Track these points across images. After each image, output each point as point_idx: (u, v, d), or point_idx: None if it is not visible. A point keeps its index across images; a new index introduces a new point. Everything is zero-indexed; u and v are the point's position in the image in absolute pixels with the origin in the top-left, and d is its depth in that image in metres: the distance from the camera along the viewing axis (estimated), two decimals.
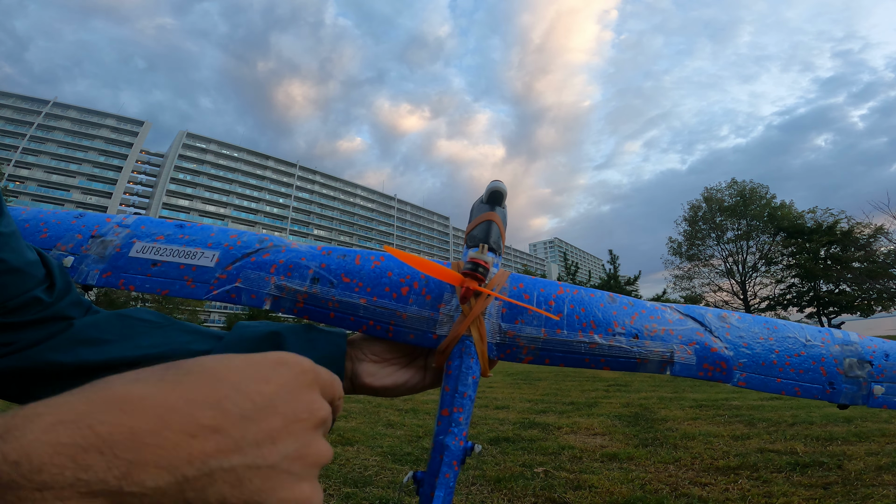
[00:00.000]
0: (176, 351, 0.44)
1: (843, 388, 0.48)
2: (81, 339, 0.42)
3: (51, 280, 0.42)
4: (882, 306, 25.08)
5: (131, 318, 0.46)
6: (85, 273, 0.50)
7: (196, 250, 0.51)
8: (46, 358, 0.40)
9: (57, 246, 0.51)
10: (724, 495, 1.96)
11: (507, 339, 0.48)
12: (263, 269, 0.50)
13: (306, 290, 0.50)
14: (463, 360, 0.47)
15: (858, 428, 3.03)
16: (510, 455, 2.77)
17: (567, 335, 0.48)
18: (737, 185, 32.19)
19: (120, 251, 0.51)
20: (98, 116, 62.77)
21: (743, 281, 31.24)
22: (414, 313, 0.49)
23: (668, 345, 0.48)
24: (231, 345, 0.47)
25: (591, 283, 26.53)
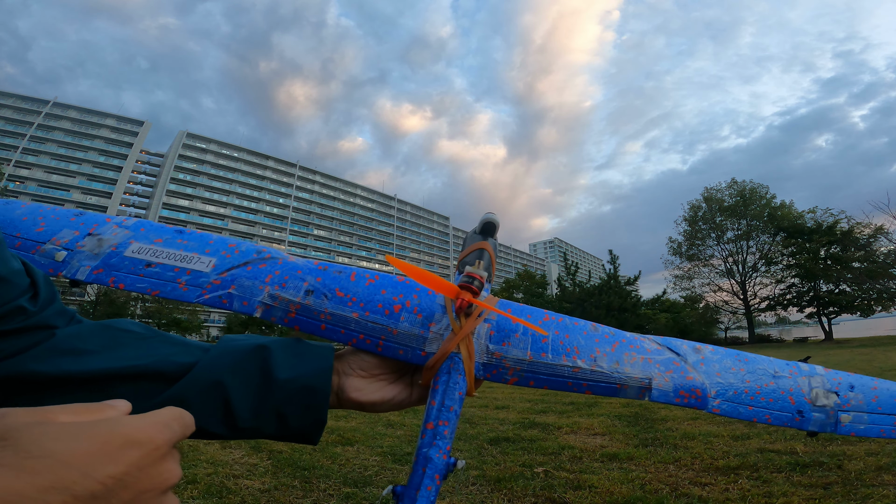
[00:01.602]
0: (159, 362, 0.44)
1: (812, 416, 0.51)
2: (63, 349, 0.41)
3: (35, 289, 0.42)
4: (882, 306, 25.08)
5: (115, 328, 0.46)
6: (76, 268, 0.50)
7: (193, 255, 0.52)
8: (28, 367, 0.39)
9: (52, 240, 0.51)
10: (724, 495, 1.96)
11: (494, 360, 0.49)
12: (258, 279, 0.51)
13: (299, 302, 0.50)
14: (451, 375, 0.48)
15: None
16: (510, 455, 2.77)
17: (551, 359, 0.50)
18: (737, 186, 32.20)
19: (115, 250, 0.51)
20: (98, 116, 62.76)
21: (743, 281, 31.23)
22: (405, 330, 0.50)
23: (647, 372, 0.50)
24: (217, 358, 0.46)
25: (591, 284, 26.53)
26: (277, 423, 0.47)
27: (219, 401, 0.44)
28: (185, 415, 0.27)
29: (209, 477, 2.47)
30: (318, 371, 0.48)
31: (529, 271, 44.88)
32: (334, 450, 2.91)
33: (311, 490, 2.17)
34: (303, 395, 0.47)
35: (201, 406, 0.43)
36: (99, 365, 0.41)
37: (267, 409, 0.46)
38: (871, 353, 10.75)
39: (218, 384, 0.44)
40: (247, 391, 0.45)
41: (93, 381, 0.41)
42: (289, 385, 0.46)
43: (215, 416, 0.45)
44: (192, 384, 0.44)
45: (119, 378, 0.42)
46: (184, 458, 2.82)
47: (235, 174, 71.96)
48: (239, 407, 0.45)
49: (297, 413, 0.47)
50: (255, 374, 0.46)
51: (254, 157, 75.66)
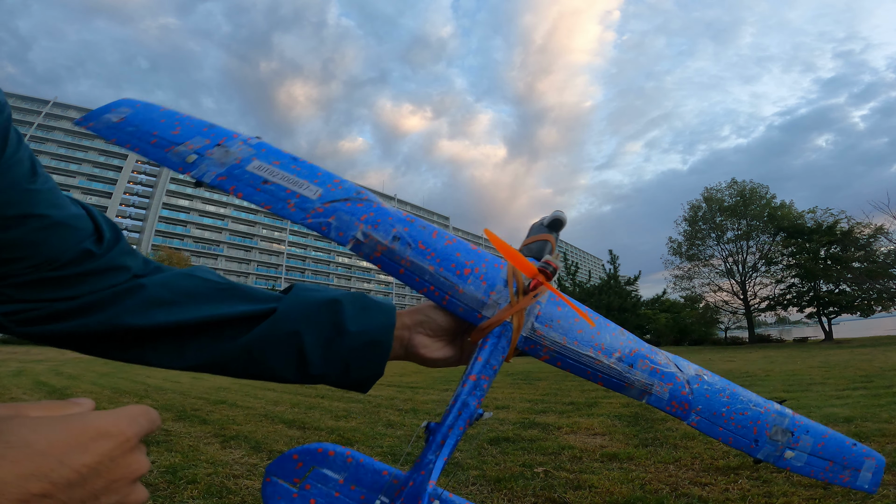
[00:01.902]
0: (242, 311, 0.48)
1: (764, 447, 0.59)
2: (154, 300, 0.45)
3: (99, 232, 0.44)
4: (882, 306, 25.06)
5: (198, 277, 0.49)
6: (203, 171, 0.54)
7: (304, 181, 0.56)
8: (125, 321, 0.43)
9: (185, 143, 0.56)
10: (724, 495, 1.96)
11: (535, 337, 0.55)
12: (355, 216, 0.56)
13: (386, 245, 0.55)
14: (500, 339, 0.53)
15: (858, 428, 3.03)
16: (510, 455, 2.77)
17: (580, 348, 0.56)
18: (737, 185, 32.17)
19: (239, 163, 0.56)
20: None
21: (743, 281, 31.22)
22: (469, 291, 0.55)
23: (651, 379, 0.57)
24: (294, 308, 0.49)
25: (591, 284, 26.53)
26: (342, 373, 0.51)
27: (293, 349, 0.48)
28: (151, 411, 0.29)
29: (209, 477, 2.47)
30: (383, 327, 0.52)
31: None
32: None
33: None
34: (368, 349, 0.51)
35: (277, 353, 0.48)
36: (188, 315, 0.46)
37: (336, 359, 0.50)
38: (871, 353, 10.74)
39: (295, 333, 0.48)
40: (319, 341, 0.49)
41: (183, 330, 0.46)
42: (357, 338, 0.50)
43: (289, 363, 0.49)
44: (272, 332, 0.48)
45: (205, 326, 0.47)
46: (184, 458, 2.83)
47: None
48: (311, 355, 0.49)
49: (360, 364, 0.51)
50: (328, 325, 0.50)
51: None
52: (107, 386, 7.61)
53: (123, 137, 0.55)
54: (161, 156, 0.55)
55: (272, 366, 0.49)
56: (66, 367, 12.47)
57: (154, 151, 0.55)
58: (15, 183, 0.37)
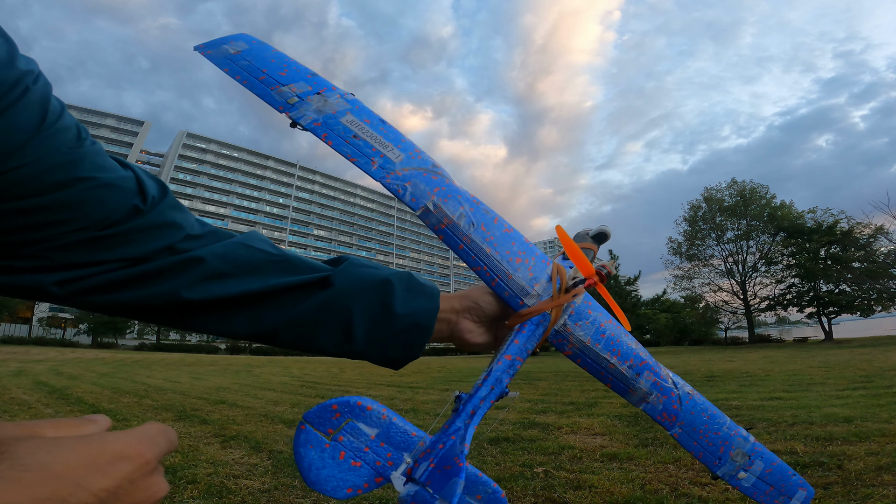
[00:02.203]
0: (294, 282, 0.49)
1: (725, 465, 0.64)
2: (213, 273, 0.46)
3: (142, 190, 0.44)
4: (882, 306, 25.06)
5: (252, 247, 0.50)
6: (301, 115, 0.57)
7: (389, 144, 0.59)
8: (183, 297, 0.44)
9: (289, 86, 0.58)
10: (724, 495, 1.96)
11: (564, 332, 0.59)
12: (429, 186, 0.59)
13: (453, 219, 0.58)
14: (538, 328, 0.57)
15: (858, 428, 3.02)
16: (510, 455, 2.77)
17: (600, 350, 0.60)
18: (737, 185, 32.16)
19: (334, 114, 0.59)
20: (98, 116, 62.80)
21: (743, 281, 31.22)
22: (517, 279, 0.59)
23: (652, 390, 0.62)
24: (350, 285, 0.50)
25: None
26: (380, 352, 0.52)
27: (343, 325, 0.50)
28: (169, 430, 0.28)
29: (209, 477, 2.47)
30: (428, 311, 0.54)
31: None
32: None
33: (312, 490, 2.17)
34: (411, 331, 0.52)
35: (327, 327, 0.50)
36: (244, 287, 0.47)
37: (379, 338, 0.51)
38: (871, 353, 10.74)
39: (347, 310, 0.50)
40: (366, 320, 0.50)
41: (238, 301, 0.47)
42: (402, 321, 0.51)
43: (336, 338, 0.50)
44: (327, 306, 0.49)
45: (260, 297, 0.48)
46: (184, 458, 2.82)
47: (235, 174, 71.96)
48: (357, 333, 0.50)
49: (400, 345, 0.53)
50: (378, 306, 0.51)
51: (254, 156, 75.68)
52: (107, 386, 7.61)
53: (235, 69, 0.58)
54: (266, 93, 0.58)
55: (319, 338, 0.50)
56: (65, 367, 12.47)
57: (260, 87, 0.57)
58: (59, 149, 0.37)
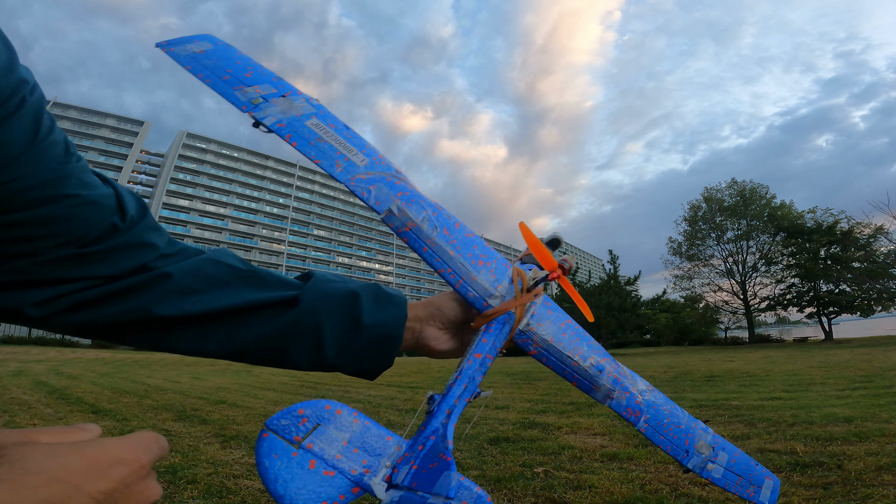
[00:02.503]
0: (264, 299, 0.49)
1: (693, 457, 0.66)
2: (181, 289, 0.45)
3: (122, 208, 0.44)
4: (882, 306, 25.05)
5: (222, 263, 0.50)
6: (265, 115, 0.57)
7: (353, 148, 0.61)
8: (153, 311, 0.44)
9: (254, 87, 0.59)
10: (724, 495, 1.96)
11: (528, 332, 0.60)
12: (393, 190, 0.60)
13: (416, 222, 0.59)
14: (504, 326, 0.58)
15: (858, 428, 3.02)
16: (510, 455, 2.77)
17: (563, 348, 0.62)
18: (737, 185, 32.16)
19: (299, 116, 0.59)
20: (98, 116, 62.75)
21: (743, 281, 31.21)
22: (481, 280, 0.60)
23: (614, 387, 0.64)
24: (318, 301, 0.51)
25: (591, 284, 26.52)
26: (353, 363, 0.53)
27: (313, 340, 0.50)
28: (161, 438, 0.29)
29: (209, 477, 2.47)
30: (396, 320, 0.54)
31: None
32: None
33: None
34: (381, 342, 0.53)
35: (298, 343, 0.50)
36: (214, 304, 0.47)
37: (350, 350, 0.52)
38: (870, 353, 10.74)
39: (317, 326, 0.50)
40: (337, 333, 0.51)
41: (206, 318, 0.47)
42: (372, 331, 0.52)
43: (307, 353, 0.51)
44: (296, 323, 0.49)
45: (229, 314, 0.48)
46: (184, 458, 2.82)
47: (235, 174, 71.91)
48: (329, 347, 0.51)
49: (372, 356, 0.53)
50: (347, 318, 0.52)
51: (254, 156, 75.64)
52: (107, 386, 7.61)
53: (198, 68, 0.58)
54: (229, 92, 0.58)
55: (291, 355, 0.50)
56: (66, 367, 12.47)
57: (223, 86, 0.57)
58: (48, 164, 0.37)
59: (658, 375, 8.07)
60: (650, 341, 40.18)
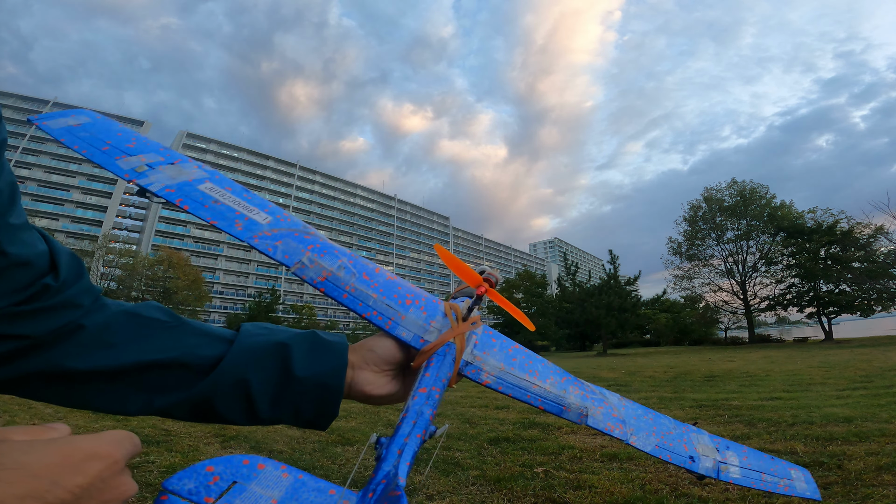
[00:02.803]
0: (186, 355, 0.46)
1: (701, 462, 0.62)
2: (93, 343, 0.43)
3: (56, 268, 0.43)
4: (882, 306, 25.05)
5: (143, 316, 0.47)
6: (151, 182, 0.55)
7: (254, 208, 0.59)
8: (62, 364, 0.41)
9: (138, 156, 0.58)
10: (724, 495, 1.96)
11: (476, 362, 0.59)
12: (302, 244, 0.58)
13: (332, 271, 0.58)
14: (445, 357, 0.55)
15: (858, 428, 3.02)
16: (510, 455, 2.77)
17: (518, 373, 0.60)
18: (737, 186, 32.16)
19: (191, 182, 0.58)
20: None
21: (743, 281, 31.21)
22: (411, 318, 0.58)
23: (585, 403, 0.62)
24: (241, 355, 0.48)
25: (591, 284, 26.51)
26: (292, 415, 0.50)
27: (242, 396, 0.48)
28: (133, 436, 0.30)
29: None
30: (333, 369, 0.51)
31: (529, 271, 44.88)
32: (334, 450, 2.91)
33: None
34: (318, 392, 0.50)
35: (224, 400, 0.47)
36: (128, 358, 0.44)
37: (285, 403, 0.49)
38: (870, 353, 10.74)
39: (243, 381, 0.47)
40: (267, 387, 0.49)
41: (123, 374, 0.44)
42: (306, 382, 0.49)
43: (238, 409, 0.48)
44: (219, 382, 0.47)
45: (147, 370, 0.45)
46: (184, 458, 2.82)
47: (235, 174, 71.84)
48: (259, 401, 0.48)
49: (311, 407, 0.50)
50: (276, 371, 0.49)
51: (254, 157, 75.66)
52: None
53: (73, 140, 0.56)
54: (109, 162, 0.55)
55: (220, 412, 0.47)
56: None
57: (102, 157, 0.55)
58: None
59: (658, 375, 8.07)
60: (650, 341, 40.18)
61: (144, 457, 2.66)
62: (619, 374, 8.75)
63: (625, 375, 8.46)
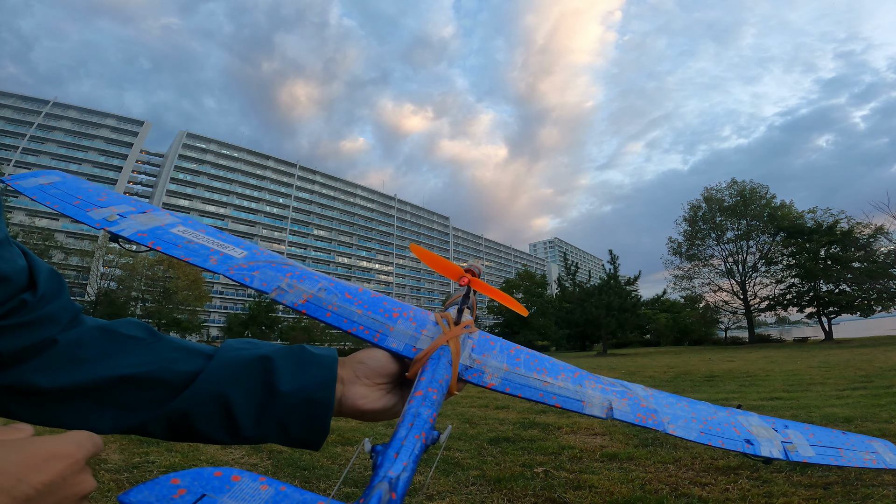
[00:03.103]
0: (161, 370, 0.45)
1: (761, 444, 0.57)
2: (64, 358, 0.42)
3: (34, 284, 0.43)
4: (882, 306, 25.05)
5: (118, 333, 0.46)
6: (123, 228, 0.57)
7: (229, 245, 0.60)
8: (30, 379, 0.40)
9: (109, 207, 0.60)
10: (724, 495, 1.95)
11: (476, 365, 0.57)
12: (280, 272, 0.59)
13: (313, 293, 0.57)
14: (440, 361, 0.52)
15: (858, 428, 3.02)
16: (510, 455, 2.77)
17: (524, 372, 0.58)
18: (737, 185, 32.15)
19: (163, 227, 0.59)
20: (98, 116, 62.74)
21: (743, 281, 31.21)
22: (400, 329, 0.57)
23: (608, 397, 0.58)
24: (220, 369, 0.47)
25: (591, 284, 26.50)
26: (279, 433, 0.48)
27: (222, 412, 0.46)
28: (94, 436, 0.30)
29: None
30: (321, 382, 0.49)
31: (529, 271, 44.87)
32: (334, 450, 2.91)
33: (311, 490, 2.17)
34: (305, 407, 0.48)
35: (204, 417, 0.45)
36: (99, 373, 0.43)
37: (269, 419, 0.47)
38: (871, 353, 10.74)
39: (221, 396, 0.45)
40: (250, 403, 0.46)
41: (94, 390, 0.42)
42: (291, 397, 0.47)
43: (218, 426, 0.46)
44: (196, 396, 0.45)
45: (119, 386, 0.43)
46: (184, 458, 2.82)
47: (235, 174, 71.91)
48: (242, 417, 0.46)
49: (299, 423, 0.48)
50: (258, 386, 0.47)
51: (254, 157, 75.63)
52: None
53: (44, 197, 0.58)
54: (81, 213, 0.58)
55: (199, 429, 0.46)
56: None
57: (74, 210, 0.57)
58: None
59: (658, 375, 8.07)
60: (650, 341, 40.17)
61: (144, 456, 2.66)
62: (619, 374, 8.75)
63: (625, 375, 8.46)
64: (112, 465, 2.50)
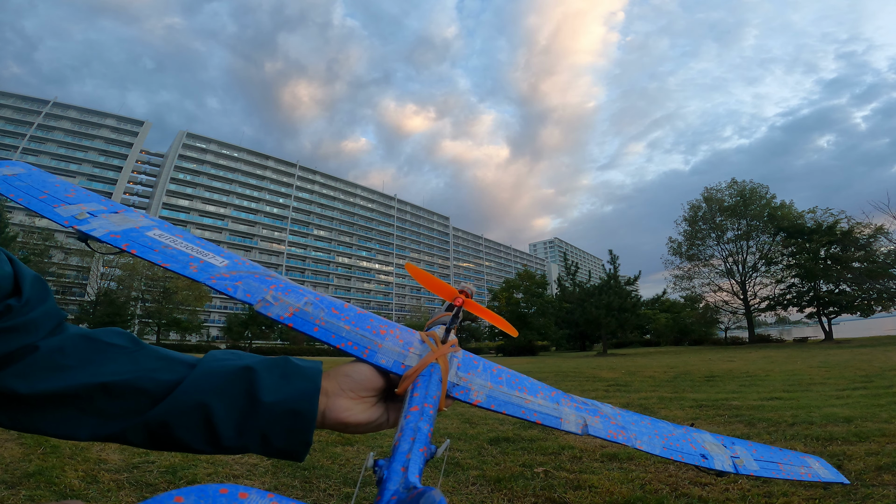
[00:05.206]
0: (141, 379, 0.44)
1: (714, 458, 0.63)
2: (44, 365, 0.42)
3: (19, 290, 0.42)
4: (882, 306, 25.06)
5: (100, 341, 0.46)
6: (94, 228, 0.54)
7: (209, 252, 0.58)
8: (8, 385, 0.40)
9: (78, 205, 0.57)
10: (724, 495, 1.95)
11: (462, 383, 0.59)
12: (263, 284, 0.58)
13: (299, 307, 0.57)
14: (431, 377, 0.54)
15: (858, 428, 3.02)
16: (510, 455, 2.77)
17: (507, 390, 0.61)
18: (737, 185, 32.17)
19: (138, 229, 0.57)
20: (98, 116, 62.76)
21: (743, 281, 31.21)
22: (388, 346, 0.57)
23: (582, 415, 0.62)
24: (201, 379, 0.46)
25: (591, 284, 26.50)
26: (261, 443, 0.48)
27: (201, 422, 0.45)
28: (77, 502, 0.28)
29: (209, 477, 2.47)
30: (304, 394, 0.48)
31: (529, 271, 44.86)
32: (334, 450, 2.91)
33: (311, 490, 2.17)
34: (288, 418, 0.47)
35: (184, 426, 0.45)
36: (79, 381, 0.42)
37: (251, 430, 0.47)
38: (871, 353, 10.74)
39: (201, 405, 0.45)
40: (231, 413, 0.46)
41: (73, 397, 0.42)
42: (274, 408, 0.47)
43: (198, 435, 0.45)
44: (176, 406, 0.44)
45: (99, 393, 0.43)
46: (183, 458, 2.82)
47: (235, 174, 71.93)
48: (223, 428, 0.45)
49: (281, 435, 0.48)
50: (240, 396, 0.47)
51: (254, 157, 75.66)
52: None
53: (8, 188, 0.55)
54: (47, 209, 0.55)
55: (179, 438, 0.45)
56: None
57: (40, 205, 0.55)
58: None
59: (658, 375, 8.07)
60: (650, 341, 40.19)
61: (144, 457, 2.66)
62: (619, 374, 8.75)
63: (625, 375, 8.46)
64: (112, 465, 2.50)
